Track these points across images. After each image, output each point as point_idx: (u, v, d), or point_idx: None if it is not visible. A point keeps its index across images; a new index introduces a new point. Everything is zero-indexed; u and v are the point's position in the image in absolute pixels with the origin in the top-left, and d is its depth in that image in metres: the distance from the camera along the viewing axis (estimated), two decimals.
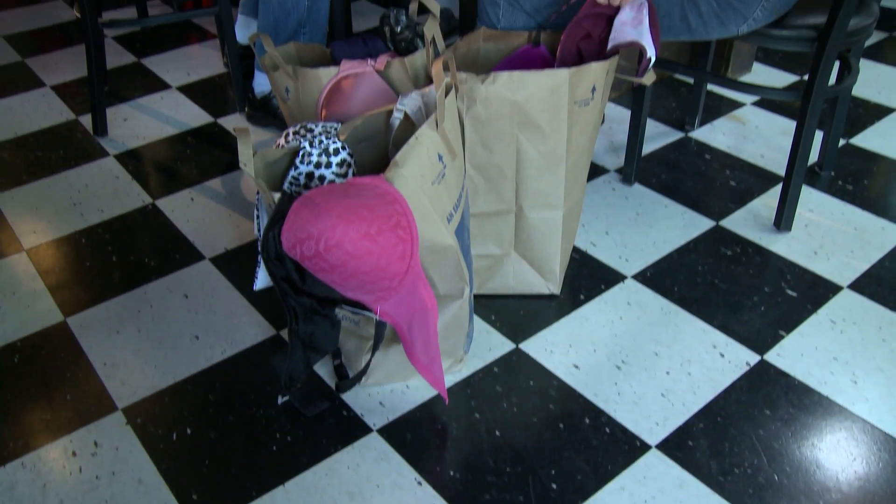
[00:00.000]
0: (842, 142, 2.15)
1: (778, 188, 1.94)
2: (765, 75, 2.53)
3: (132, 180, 2.04)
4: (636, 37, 1.39)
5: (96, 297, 1.63)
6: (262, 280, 1.34)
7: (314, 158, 1.19)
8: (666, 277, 1.65)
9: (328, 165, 1.19)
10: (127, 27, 2.93)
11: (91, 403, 1.38)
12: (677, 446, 1.28)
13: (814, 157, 2.04)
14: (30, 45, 2.92)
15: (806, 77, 1.61)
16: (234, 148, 2.16)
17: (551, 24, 1.60)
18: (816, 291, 1.61)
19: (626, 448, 1.28)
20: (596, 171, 2.01)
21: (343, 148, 1.20)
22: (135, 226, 1.86)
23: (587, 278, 1.65)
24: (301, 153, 1.19)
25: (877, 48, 2.74)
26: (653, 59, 1.40)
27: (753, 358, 1.45)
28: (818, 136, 2.06)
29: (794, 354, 1.46)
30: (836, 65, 1.80)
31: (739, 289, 1.62)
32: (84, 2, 2.09)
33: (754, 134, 2.19)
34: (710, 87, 2.35)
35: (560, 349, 1.47)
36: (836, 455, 1.27)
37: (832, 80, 1.68)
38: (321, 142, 1.20)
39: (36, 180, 2.06)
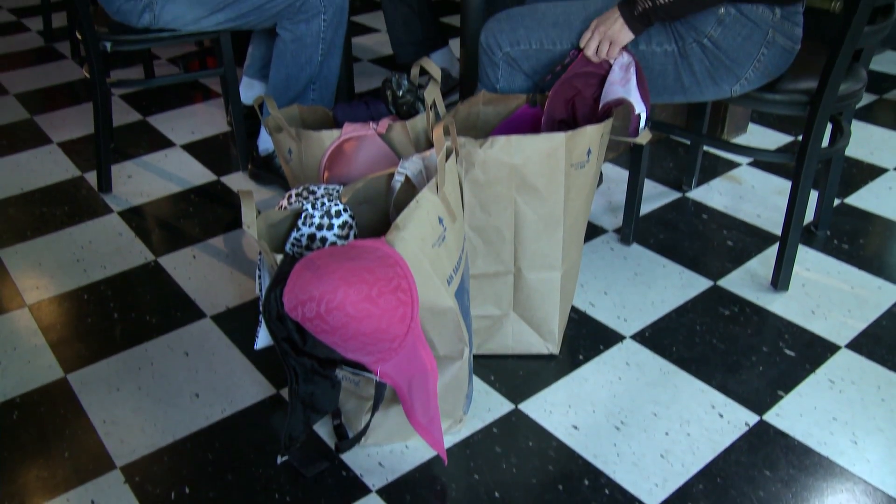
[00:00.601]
0: (837, 201, 2.18)
1: (775, 248, 1.96)
2: (760, 136, 2.58)
3: (135, 237, 2.06)
4: (624, 94, 1.43)
5: (97, 354, 1.64)
6: (262, 339, 1.35)
7: (316, 220, 1.21)
8: (664, 337, 1.66)
9: (330, 227, 1.21)
10: (134, 87, 3.00)
11: (89, 461, 1.38)
12: None
13: (809, 216, 2.06)
14: (38, 102, 2.98)
15: (800, 137, 1.64)
16: (236, 206, 2.19)
17: (548, 84, 1.64)
18: (814, 351, 1.62)
19: None
20: (594, 231, 2.04)
21: (345, 210, 1.22)
22: (137, 283, 1.87)
23: (586, 338, 1.66)
24: (303, 215, 1.21)
25: (868, 110, 2.80)
26: (643, 116, 1.44)
27: (752, 418, 1.45)
28: (813, 195, 2.09)
29: (793, 414, 1.46)
30: (829, 127, 1.84)
31: (738, 349, 1.62)
32: (93, 62, 2.14)
33: (750, 194, 2.22)
34: (706, 147, 2.39)
35: (559, 410, 1.47)
36: None
37: (825, 142, 1.72)
38: (323, 204, 1.22)
39: (40, 236, 2.08)
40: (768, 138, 2.56)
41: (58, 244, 2.04)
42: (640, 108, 1.44)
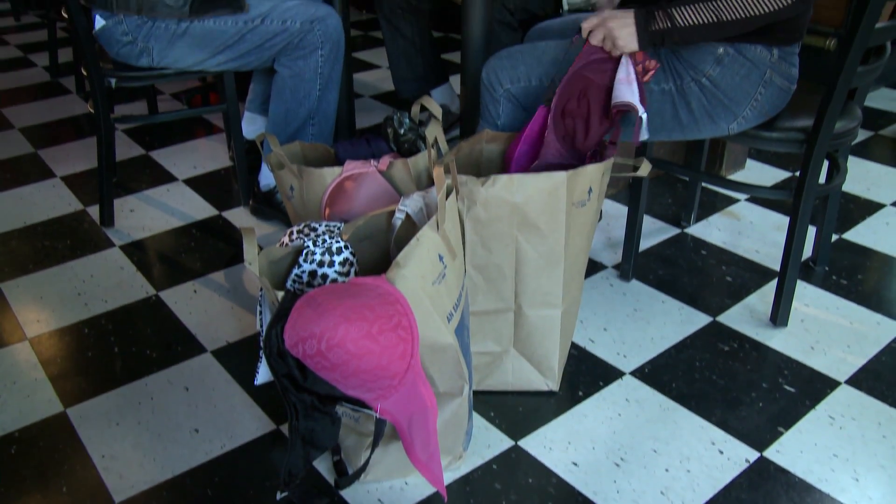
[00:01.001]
0: (835, 237, 2.19)
1: (773, 283, 1.96)
2: (758, 171, 2.60)
3: (137, 271, 2.07)
4: (631, 97, 1.43)
5: (97, 388, 1.64)
6: (263, 375, 1.35)
7: (317, 257, 1.22)
8: (664, 374, 1.66)
9: (331, 264, 1.22)
10: (137, 122, 3.03)
11: (87, 497, 1.37)
12: None
13: (808, 252, 2.07)
14: (43, 137, 3.01)
15: (798, 173, 1.66)
16: (237, 241, 2.20)
17: (557, 80, 1.65)
18: (814, 387, 1.62)
19: None
20: (594, 267, 2.04)
21: (346, 247, 1.23)
22: (138, 317, 1.88)
23: (586, 375, 1.66)
24: (304, 252, 1.22)
25: (864, 146, 2.82)
26: (644, 118, 1.44)
27: (753, 455, 1.45)
28: (811, 231, 2.10)
29: (793, 451, 1.45)
30: (826, 164, 1.86)
31: (737, 385, 1.63)
32: (98, 98, 2.16)
33: (749, 229, 2.24)
34: (704, 183, 2.41)
35: (559, 446, 1.47)
36: None
37: (822, 178, 1.73)
38: (324, 241, 1.23)
39: (42, 269, 2.09)
40: (766, 174, 2.58)
41: (59, 278, 2.05)
42: (643, 112, 1.45)
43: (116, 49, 2.07)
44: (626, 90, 1.45)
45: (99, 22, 2.06)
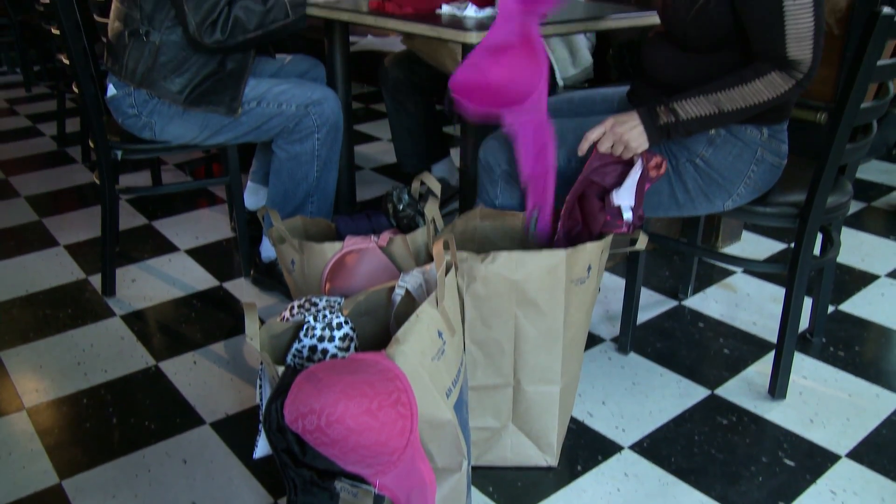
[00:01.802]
0: (831, 308, 2.21)
1: (771, 355, 1.97)
2: (754, 244, 2.63)
3: (137, 341, 2.07)
4: (614, 195, 1.47)
5: (94, 460, 1.63)
6: (262, 449, 1.35)
7: (318, 332, 1.23)
8: (663, 447, 1.66)
9: (331, 339, 1.23)
10: (142, 193, 3.08)
11: None
12: None
13: (805, 323, 2.08)
14: (48, 205, 3.05)
15: (793, 244, 1.69)
16: (238, 312, 2.22)
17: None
18: (814, 461, 1.61)
19: None
20: (592, 340, 2.05)
21: (346, 322, 1.25)
22: (137, 387, 1.88)
23: (584, 449, 1.66)
24: (305, 327, 1.24)
25: (857, 217, 2.86)
26: (623, 207, 1.47)
27: None
28: (808, 302, 2.12)
29: None
30: (820, 237, 1.88)
31: (737, 459, 1.62)
32: (103, 169, 2.21)
33: (746, 301, 2.26)
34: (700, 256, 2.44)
35: None
36: None
37: (817, 250, 1.76)
38: (325, 316, 1.25)
39: (42, 338, 2.10)
40: (762, 246, 2.61)
41: (59, 347, 2.05)
42: (626, 202, 1.47)
43: (122, 119, 2.13)
44: (628, 187, 1.49)
45: (111, 90, 2.12)
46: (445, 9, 1.93)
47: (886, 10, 1.42)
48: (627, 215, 1.47)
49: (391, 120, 2.81)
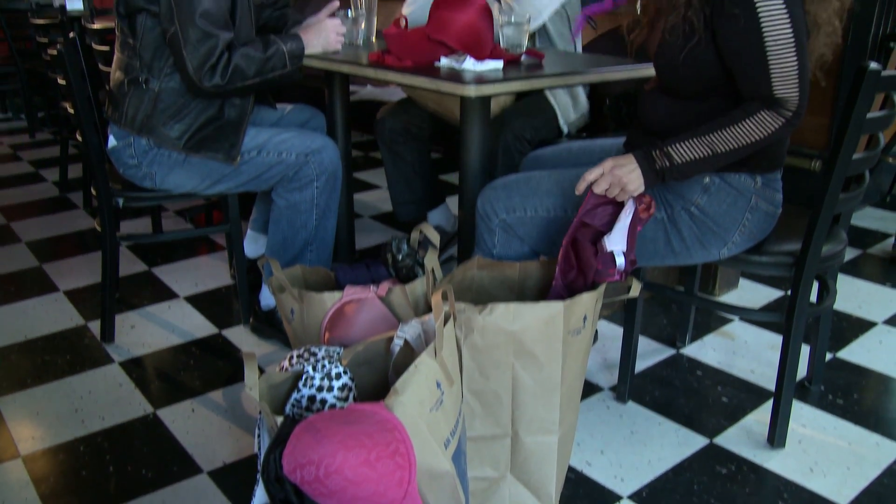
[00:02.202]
0: (829, 356, 2.21)
1: (770, 403, 1.97)
2: (751, 291, 2.64)
3: (135, 388, 2.07)
4: (606, 240, 1.48)
5: None
6: (259, 499, 1.34)
7: (316, 382, 1.24)
8: (662, 497, 1.65)
9: (330, 389, 1.23)
10: (142, 240, 3.10)
11: None
12: None
13: (803, 371, 2.08)
14: (48, 251, 3.07)
15: (790, 292, 1.71)
16: (236, 360, 2.22)
17: (543, 249, 1.71)
18: None
19: None
20: (590, 389, 2.05)
21: (345, 372, 1.25)
22: (135, 435, 1.87)
23: (583, 499, 1.65)
24: (304, 377, 1.24)
25: (853, 264, 2.88)
26: (616, 253, 1.48)
27: None
28: (805, 350, 2.12)
29: None
30: (816, 285, 1.90)
31: None
32: (105, 217, 2.23)
33: (743, 349, 2.26)
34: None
35: None
36: None
37: (813, 297, 1.77)
38: (324, 366, 1.25)
39: (40, 385, 2.09)
40: (759, 293, 2.62)
41: (57, 393, 2.05)
42: (617, 247, 1.48)
43: (123, 169, 2.17)
44: (619, 231, 1.51)
45: (111, 141, 2.15)
46: (444, 61, 1.97)
47: (873, 65, 1.45)
48: (620, 261, 1.48)
49: (387, 169, 2.83)
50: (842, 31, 1.60)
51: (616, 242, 1.50)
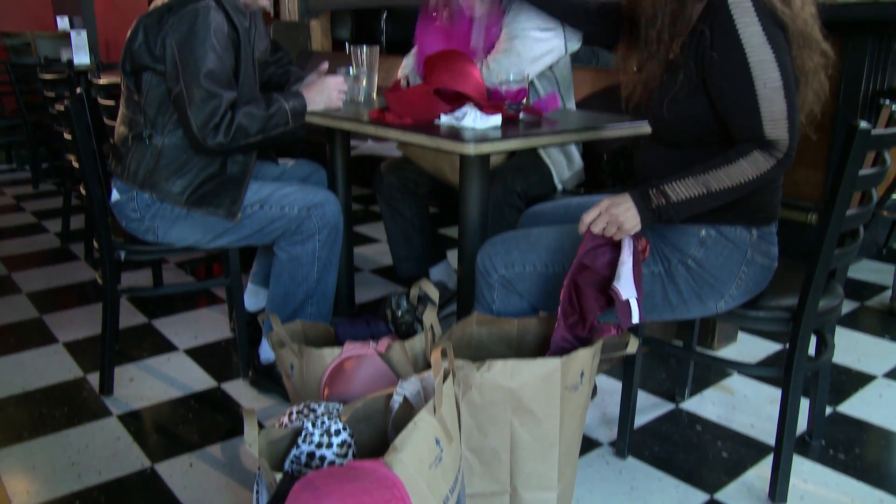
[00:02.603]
0: (829, 410, 2.20)
1: (770, 458, 1.95)
2: (749, 344, 2.64)
3: (133, 442, 2.06)
4: (627, 283, 1.49)
5: None
6: None
7: (316, 439, 1.24)
8: None
9: (329, 446, 1.24)
10: (143, 293, 3.11)
11: None
12: None
13: (803, 425, 2.07)
14: (48, 302, 3.07)
15: (788, 346, 1.71)
16: (235, 414, 2.21)
17: (543, 304, 1.72)
18: None
19: None
20: (589, 444, 2.04)
21: (344, 429, 1.26)
22: (132, 490, 1.86)
23: None
24: (303, 433, 1.25)
25: (852, 317, 2.89)
26: (632, 301, 1.49)
27: None
28: (805, 404, 2.11)
29: None
30: (814, 339, 1.90)
31: None
32: (106, 270, 2.24)
33: (743, 403, 2.26)
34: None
35: None
36: None
37: (812, 350, 1.77)
38: (323, 423, 1.26)
39: (37, 437, 2.08)
40: (758, 347, 2.63)
41: (54, 447, 2.04)
42: (630, 294, 1.50)
43: (125, 223, 2.19)
44: (626, 275, 1.52)
45: (115, 195, 2.18)
46: (444, 119, 2.00)
47: (863, 124, 1.48)
48: (635, 308, 1.50)
49: (387, 224, 2.85)
50: (829, 85, 1.64)
51: (627, 288, 1.50)
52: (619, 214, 1.56)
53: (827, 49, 1.61)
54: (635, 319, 1.51)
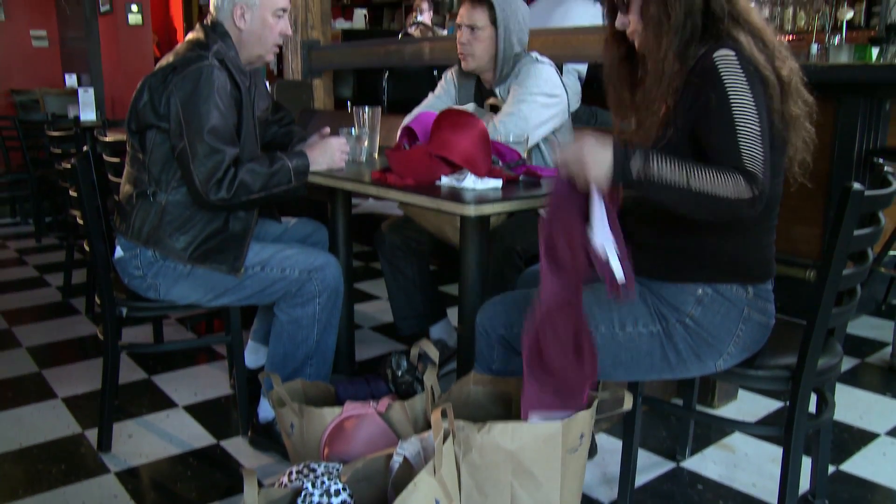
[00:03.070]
0: (832, 469, 2.18)
1: None
2: (750, 402, 2.63)
3: (130, 500, 2.04)
4: (591, 235, 1.46)
5: None
6: None
7: (315, 499, 1.24)
8: None
9: None
10: (144, 350, 3.11)
11: None
12: None
13: (806, 485, 2.05)
14: (48, 357, 3.07)
15: (788, 404, 1.71)
16: (234, 472, 2.19)
17: None
18: None
19: None
20: None
21: (344, 489, 1.25)
22: None
23: None
24: (303, 493, 1.25)
25: (852, 374, 2.88)
26: (612, 259, 1.47)
27: None
28: (807, 462, 2.09)
29: None
30: (814, 396, 1.90)
31: None
32: (108, 326, 2.25)
33: (744, 462, 2.24)
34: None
35: None
36: None
37: (812, 407, 1.76)
38: (323, 483, 1.25)
39: (32, 495, 2.06)
40: (758, 404, 2.61)
41: None
42: (605, 238, 1.46)
43: (128, 279, 2.21)
44: (599, 221, 1.48)
45: (118, 252, 2.21)
46: (445, 180, 2.03)
47: (857, 185, 1.51)
48: (616, 263, 1.45)
49: (388, 283, 2.87)
50: (814, 132, 1.67)
51: (600, 233, 1.46)
52: (588, 162, 1.52)
53: (808, 98, 1.65)
54: (619, 276, 1.46)
